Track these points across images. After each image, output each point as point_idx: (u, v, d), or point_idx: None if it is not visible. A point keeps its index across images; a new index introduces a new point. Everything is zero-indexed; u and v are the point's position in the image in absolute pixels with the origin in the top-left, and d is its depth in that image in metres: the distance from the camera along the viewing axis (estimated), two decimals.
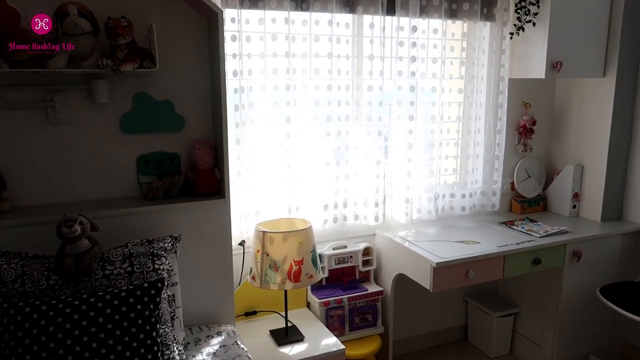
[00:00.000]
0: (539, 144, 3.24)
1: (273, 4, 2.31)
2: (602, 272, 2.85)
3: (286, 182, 2.52)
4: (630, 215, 3.02)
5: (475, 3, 2.74)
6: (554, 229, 2.79)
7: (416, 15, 2.62)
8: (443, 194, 2.94)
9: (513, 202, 3.22)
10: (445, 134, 2.93)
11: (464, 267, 2.44)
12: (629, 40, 2.83)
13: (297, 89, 2.47)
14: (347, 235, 2.79)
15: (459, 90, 2.92)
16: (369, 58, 2.60)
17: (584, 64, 2.83)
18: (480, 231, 2.82)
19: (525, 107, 3.14)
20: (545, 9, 2.68)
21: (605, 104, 2.91)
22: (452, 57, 2.86)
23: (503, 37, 2.87)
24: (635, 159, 2.96)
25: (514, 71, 2.92)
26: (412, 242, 2.63)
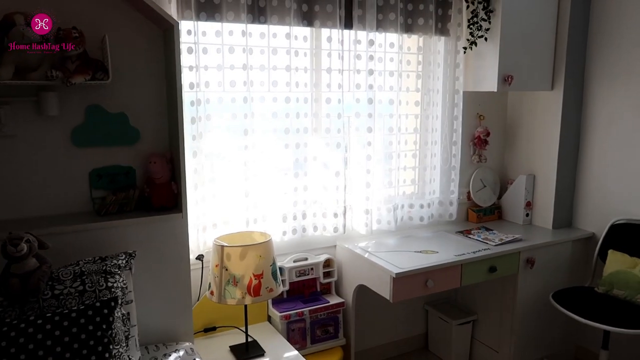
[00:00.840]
0: (493, 155, 3.34)
1: (230, 16, 2.31)
2: (554, 277, 2.95)
3: (244, 194, 2.50)
4: (579, 223, 3.15)
5: (430, 18, 2.82)
6: (509, 237, 2.87)
7: (373, 29, 2.67)
8: (402, 204, 2.98)
9: (469, 211, 3.30)
10: (403, 146, 2.98)
11: (422, 276, 2.48)
12: (573, 56, 2.97)
13: (255, 101, 2.47)
14: (308, 247, 2.79)
15: (416, 102, 2.98)
16: (327, 71, 2.62)
17: (533, 78, 2.95)
18: (439, 241, 2.88)
19: (480, 119, 3.24)
20: (496, 25, 2.79)
21: (554, 116, 3.04)
22: (408, 71, 2.92)
23: (457, 52, 2.95)
24: (583, 169, 3.10)
25: (468, 84, 3.01)
26: (372, 252, 2.65)
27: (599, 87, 2.96)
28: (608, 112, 2.93)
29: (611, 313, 2.53)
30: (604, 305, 2.62)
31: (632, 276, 2.63)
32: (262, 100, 2.49)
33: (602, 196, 3.00)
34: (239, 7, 2.30)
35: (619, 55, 2.84)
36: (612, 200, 2.94)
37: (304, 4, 2.50)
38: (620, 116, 2.87)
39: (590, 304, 2.65)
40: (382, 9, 2.69)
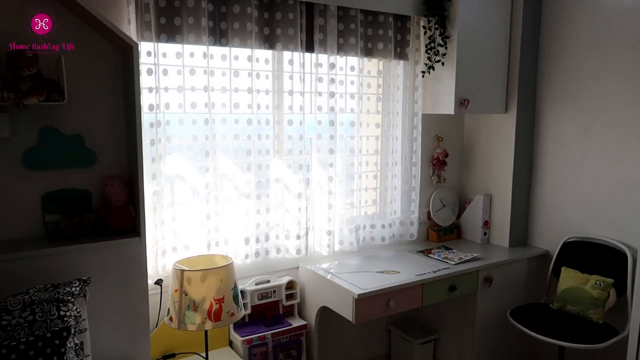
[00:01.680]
0: (451, 175, 3.43)
1: (191, 38, 2.30)
2: (511, 295, 3.03)
3: (206, 217, 2.47)
4: (534, 241, 3.26)
5: (389, 43, 2.89)
6: (467, 256, 2.94)
7: (334, 52, 2.72)
8: (364, 225, 3.01)
9: (430, 231, 3.36)
10: (364, 167, 3.03)
11: (384, 297, 2.50)
12: (525, 81, 3.10)
13: (217, 123, 2.46)
14: (270, 270, 2.76)
15: (377, 124, 3.03)
16: (289, 93, 2.64)
17: (487, 101, 3.06)
18: (400, 261, 2.91)
19: (438, 140, 3.33)
20: (452, 51, 2.89)
21: (508, 137, 3.15)
22: (369, 93, 2.98)
23: (416, 75, 3.04)
24: (536, 188, 3.21)
25: (427, 107, 3.09)
26: (335, 274, 2.65)
27: (549, 111, 3.10)
28: (558, 134, 3.06)
29: (565, 329, 2.61)
30: (558, 321, 2.71)
31: (584, 292, 2.73)
32: (223, 122, 2.48)
33: (555, 215, 3.12)
34: (200, 30, 2.30)
35: (566, 82, 2.99)
36: (564, 218, 3.06)
37: (266, 27, 2.52)
38: (570, 138, 3.00)
39: (545, 320, 2.73)
40: (342, 34, 2.74)
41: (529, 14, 3.04)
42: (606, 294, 2.68)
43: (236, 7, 2.39)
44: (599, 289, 2.69)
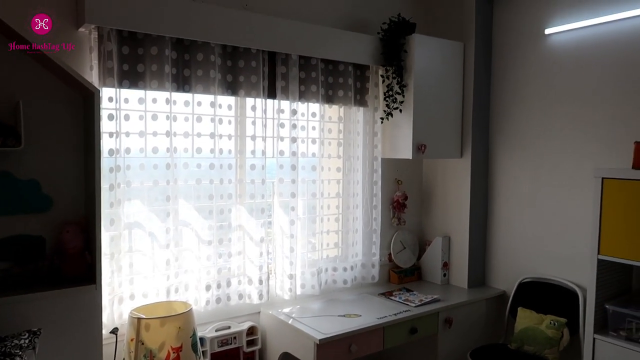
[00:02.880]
0: (411, 217, 3.51)
1: (154, 84, 2.33)
2: (471, 336, 3.08)
3: (165, 263, 2.43)
4: (491, 281, 3.34)
5: (349, 90, 3.01)
6: (428, 298, 2.98)
7: (296, 99, 2.80)
8: (326, 268, 3.02)
9: (391, 272, 3.40)
10: (326, 210, 3.07)
11: (346, 341, 2.49)
12: (478, 128, 3.26)
13: (179, 167, 2.46)
14: (231, 315, 2.72)
15: (338, 168, 3.10)
16: (251, 138, 2.69)
17: (444, 146, 3.19)
18: (362, 304, 2.92)
19: (398, 183, 3.42)
20: (409, 98, 3.02)
21: (464, 181, 3.28)
22: (330, 138, 3.06)
23: (375, 121, 3.15)
24: (492, 230, 3.33)
25: (386, 152, 3.19)
26: (296, 318, 2.64)
27: (501, 157, 3.26)
28: (510, 179, 3.21)
29: None
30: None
31: (540, 332, 2.80)
32: (185, 166, 2.49)
33: (511, 255, 3.22)
34: (163, 76, 2.34)
35: (516, 129, 3.16)
36: (519, 259, 3.17)
37: (229, 75, 2.58)
38: (520, 183, 3.15)
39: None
40: (304, 81, 2.83)
41: (480, 66, 3.23)
42: (560, 333, 2.76)
43: (200, 55, 2.45)
44: (554, 329, 2.77)
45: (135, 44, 2.30)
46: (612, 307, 2.37)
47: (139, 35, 2.29)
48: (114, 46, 2.22)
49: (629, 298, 2.49)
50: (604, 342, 2.34)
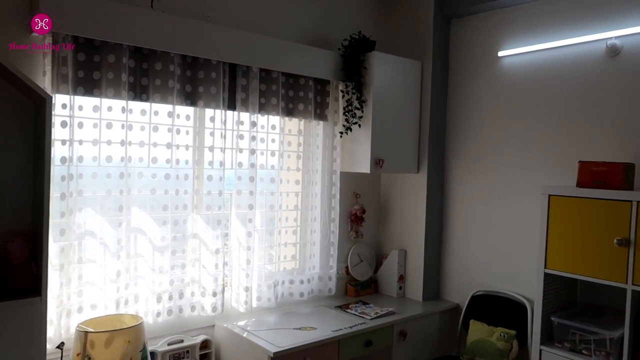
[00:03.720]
0: (369, 231, 3.55)
1: (110, 92, 2.29)
2: (425, 348, 3.13)
3: (115, 274, 2.37)
4: (445, 294, 3.41)
5: (309, 104, 3.04)
6: (383, 311, 3.02)
7: (255, 111, 2.81)
8: (282, 280, 3.02)
9: (348, 285, 3.43)
10: (284, 222, 3.07)
11: (300, 354, 2.49)
12: (435, 145, 3.36)
13: (133, 177, 2.42)
14: (184, 329, 2.67)
15: (297, 181, 3.12)
16: (209, 149, 2.67)
17: (401, 162, 3.27)
18: (318, 316, 2.93)
19: (356, 197, 3.46)
20: (368, 114, 3.08)
21: (420, 196, 3.35)
22: (289, 151, 3.07)
23: (334, 135, 3.19)
24: (447, 244, 3.41)
25: (345, 165, 3.24)
26: (251, 331, 2.62)
27: (456, 173, 3.35)
28: (464, 195, 3.31)
29: None
30: None
31: (490, 344, 2.88)
32: (140, 176, 2.45)
33: (464, 269, 3.31)
34: (120, 85, 2.31)
35: (470, 146, 3.27)
36: (473, 272, 3.25)
37: (188, 85, 2.57)
38: (474, 198, 3.25)
39: None
40: (264, 94, 2.85)
41: (437, 84, 3.33)
42: (510, 345, 2.85)
43: (158, 64, 2.43)
44: (503, 341, 2.85)
45: (92, 51, 2.26)
46: (557, 320, 2.46)
47: (95, 42, 2.26)
48: (69, 52, 2.17)
49: (574, 311, 2.59)
50: (550, 353, 2.43)
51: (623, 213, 2.18)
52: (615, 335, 2.24)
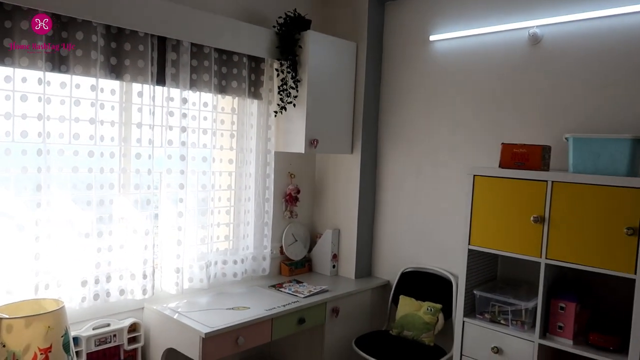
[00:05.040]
0: (303, 211, 3.57)
1: (24, 62, 2.12)
2: (357, 324, 3.21)
3: (34, 257, 2.23)
4: (377, 272, 3.51)
5: (243, 82, 2.98)
6: (316, 289, 3.06)
7: (186, 87, 2.71)
8: (215, 261, 2.97)
9: (282, 265, 3.44)
10: (217, 202, 3.01)
11: (233, 334, 2.48)
12: (368, 126, 3.41)
13: (52, 154, 2.27)
14: (112, 312, 2.58)
15: (230, 160, 3.06)
16: (137, 126, 2.56)
17: (335, 142, 3.29)
18: (251, 296, 2.92)
19: (291, 177, 3.46)
20: (303, 93, 3.06)
21: (354, 176, 3.40)
22: (222, 130, 3.00)
23: (269, 115, 3.15)
24: (379, 224, 3.50)
25: (279, 145, 3.21)
26: (182, 313, 2.57)
27: (388, 154, 3.43)
28: (396, 175, 3.39)
29: (401, 353, 2.84)
30: (396, 346, 2.93)
31: (418, 318, 3.00)
32: (60, 153, 2.31)
33: (395, 247, 3.41)
34: (35, 54, 2.14)
35: (402, 127, 3.35)
36: (403, 250, 3.37)
37: (113, 57, 2.43)
38: (405, 178, 3.34)
39: (385, 346, 2.93)
40: (196, 70, 2.75)
41: (371, 66, 3.37)
42: (436, 318, 2.99)
43: (79, 33, 2.28)
44: (430, 314, 2.99)
45: (2, 16, 2.07)
46: (479, 293, 2.59)
47: (6, 7, 2.07)
48: None
49: (494, 284, 2.75)
50: (471, 324, 2.56)
51: (539, 192, 2.33)
52: (529, 305, 2.40)
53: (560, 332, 2.32)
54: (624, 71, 2.46)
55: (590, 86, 2.57)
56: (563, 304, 2.31)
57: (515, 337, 2.40)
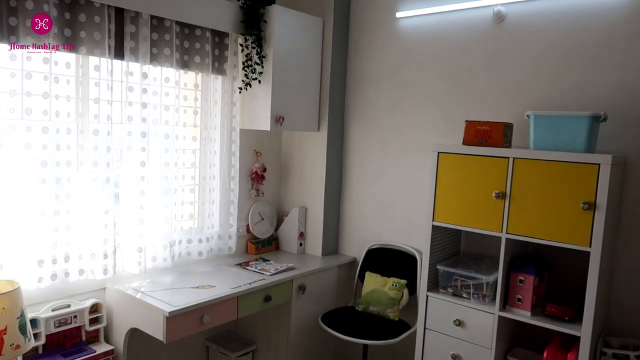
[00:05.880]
0: (270, 189, 3.55)
1: None
2: (323, 301, 3.24)
3: None
4: (344, 249, 3.54)
5: (206, 57, 2.90)
6: (283, 267, 3.06)
7: (147, 62, 2.62)
8: (180, 240, 2.93)
9: (249, 243, 3.42)
10: (181, 181, 2.95)
11: (198, 312, 2.46)
12: (335, 103, 3.38)
13: (3, 130, 2.17)
14: (72, 293, 2.52)
15: (194, 138, 3.00)
16: (94, 101, 2.46)
17: (302, 119, 3.26)
18: (217, 275, 2.90)
19: (257, 155, 3.42)
20: (268, 70, 3.01)
21: (320, 154, 3.39)
22: (185, 106, 2.93)
23: (234, 91, 3.09)
24: (345, 201, 3.51)
25: (245, 122, 3.16)
26: (146, 292, 2.53)
27: (355, 131, 3.42)
28: (362, 152, 3.40)
29: (367, 328, 2.88)
30: (362, 321, 2.97)
31: (383, 293, 3.05)
32: (12, 129, 2.20)
33: (361, 225, 3.43)
34: None
35: (367, 107, 3.34)
36: (369, 228, 3.39)
37: (67, 29, 2.32)
38: (371, 157, 3.35)
39: (351, 321, 2.97)
40: (156, 43, 2.66)
41: (338, 43, 3.33)
42: (401, 293, 3.03)
43: (29, 3, 2.15)
44: (395, 290, 3.03)
45: None
46: (442, 268, 2.64)
47: None
48: None
49: (457, 259, 2.80)
50: (435, 298, 2.62)
51: (501, 169, 2.37)
52: (490, 279, 2.46)
53: (519, 304, 2.39)
54: (585, 50, 2.51)
55: (552, 64, 2.61)
56: (522, 277, 2.38)
57: (477, 310, 2.46)
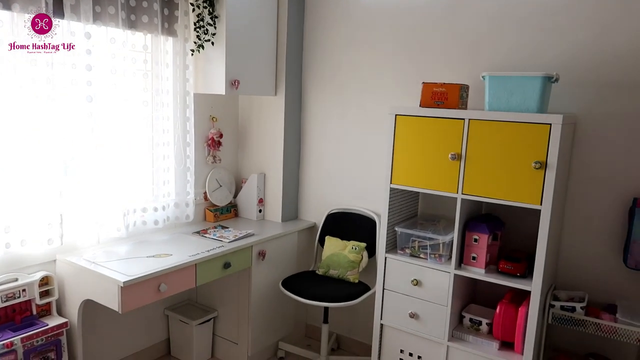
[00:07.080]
0: (227, 155, 3.47)
1: None
2: (284, 266, 3.24)
3: None
4: (303, 214, 3.53)
5: (155, 17, 2.75)
6: (242, 233, 3.03)
7: (89, 21, 2.46)
8: (134, 209, 2.84)
9: (207, 211, 3.36)
10: (132, 148, 2.84)
11: (154, 281, 2.41)
12: (292, 67, 3.30)
13: None
14: (19, 266, 2.41)
15: (144, 102, 2.87)
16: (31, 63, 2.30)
17: (258, 83, 3.17)
18: (174, 243, 2.84)
19: (213, 120, 3.32)
20: (222, 31, 2.89)
21: (278, 119, 3.33)
22: (134, 69, 2.79)
23: (186, 53, 2.96)
24: (304, 167, 3.48)
25: (199, 86, 3.05)
26: (99, 263, 2.45)
27: (313, 95, 3.37)
28: (321, 116, 3.35)
29: (328, 291, 2.90)
30: (322, 285, 2.99)
31: (343, 257, 3.07)
32: None
33: (321, 190, 3.42)
34: None
35: (327, 69, 3.28)
36: (329, 192, 3.39)
37: None
38: (330, 121, 3.31)
39: (312, 285, 2.99)
40: (99, 1, 2.50)
41: (294, 6, 3.23)
42: (360, 256, 3.07)
43: None
44: (355, 253, 3.06)
45: None
46: (400, 230, 2.68)
47: None
48: None
49: (415, 221, 2.84)
50: (393, 260, 2.66)
51: (457, 130, 2.38)
52: (447, 239, 2.51)
53: (474, 262, 2.45)
54: (541, 12, 2.52)
55: (508, 26, 2.61)
56: (477, 236, 2.44)
57: (433, 269, 2.52)
